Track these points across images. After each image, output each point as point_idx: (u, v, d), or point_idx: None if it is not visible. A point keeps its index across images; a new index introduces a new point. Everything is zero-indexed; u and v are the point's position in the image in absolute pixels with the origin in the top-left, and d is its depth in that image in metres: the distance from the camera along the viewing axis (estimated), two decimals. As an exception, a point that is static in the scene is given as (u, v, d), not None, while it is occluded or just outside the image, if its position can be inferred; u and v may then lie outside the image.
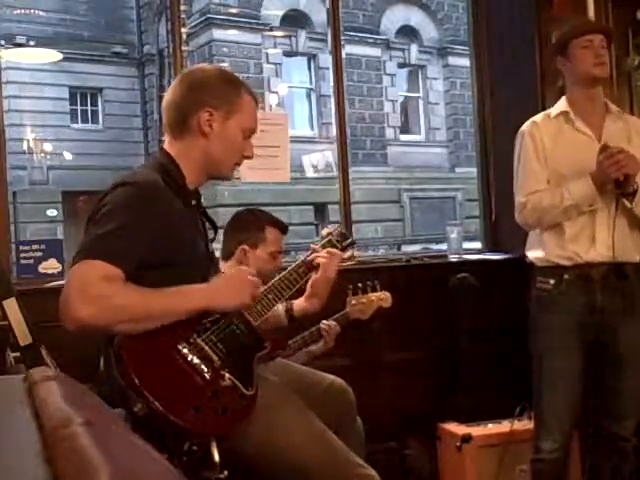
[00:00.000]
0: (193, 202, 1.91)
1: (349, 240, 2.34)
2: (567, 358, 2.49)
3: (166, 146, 1.91)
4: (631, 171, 2.36)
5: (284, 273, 2.20)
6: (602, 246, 2.46)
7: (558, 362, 2.50)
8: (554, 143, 2.51)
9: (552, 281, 2.51)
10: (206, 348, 1.76)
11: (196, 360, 1.73)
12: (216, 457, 1.65)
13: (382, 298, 2.62)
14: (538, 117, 2.61)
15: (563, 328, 2.50)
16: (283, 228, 2.62)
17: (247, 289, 1.82)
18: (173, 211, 1.77)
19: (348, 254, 2.44)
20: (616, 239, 2.44)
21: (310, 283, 2.28)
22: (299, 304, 2.38)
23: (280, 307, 2.34)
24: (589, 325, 2.49)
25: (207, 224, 1.99)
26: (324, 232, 2.38)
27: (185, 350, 1.73)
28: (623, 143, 2.45)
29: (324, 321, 2.65)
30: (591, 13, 3.23)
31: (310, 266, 2.23)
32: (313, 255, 2.25)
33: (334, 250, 2.25)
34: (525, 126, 2.60)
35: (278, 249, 2.58)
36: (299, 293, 2.31)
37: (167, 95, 1.94)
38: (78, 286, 1.62)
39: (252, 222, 2.60)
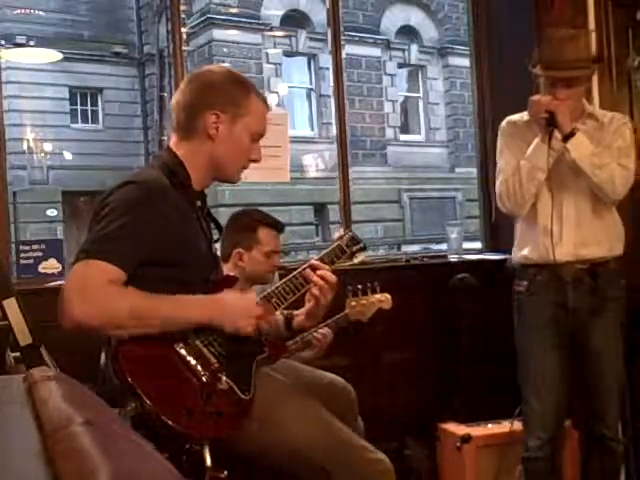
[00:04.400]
0: (198, 203, 1.90)
1: (359, 245, 2.16)
2: (545, 357, 2.55)
3: (173, 146, 1.90)
4: (555, 109, 2.40)
5: (283, 281, 2.07)
6: (569, 244, 2.51)
7: (537, 361, 2.56)
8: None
9: (525, 282, 2.60)
10: (204, 350, 1.75)
11: (193, 361, 1.72)
12: (208, 461, 1.64)
13: (382, 300, 2.59)
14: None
15: (538, 328, 2.56)
16: (277, 227, 2.58)
17: (250, 318, 1.78)
18: (177, 211, 1.77)
19: (358, 259, 2.21)
20: (584, 237, 2.51)
21: (307, 303, 2.16)
22: (299, 320, 2.27)
23: (280, 317, 2.29)
24: (563, 324, 2.54)
25: (212, 225, 1.99)
26: (336, 235, 2.28)
27: (183, 351, 1.72)
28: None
29: (320, 329, 2.61)
30: (591, 13, 3.23)
31: (307, 279, 2.05)
32: (311, 273, 2.06)
33: (328, 274, 2.05)
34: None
35: (274, 249, 2.55)
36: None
37: (175, 96, 1.95)
38: (78, 286, 1.62)
39: (244, 224, 2.57)
